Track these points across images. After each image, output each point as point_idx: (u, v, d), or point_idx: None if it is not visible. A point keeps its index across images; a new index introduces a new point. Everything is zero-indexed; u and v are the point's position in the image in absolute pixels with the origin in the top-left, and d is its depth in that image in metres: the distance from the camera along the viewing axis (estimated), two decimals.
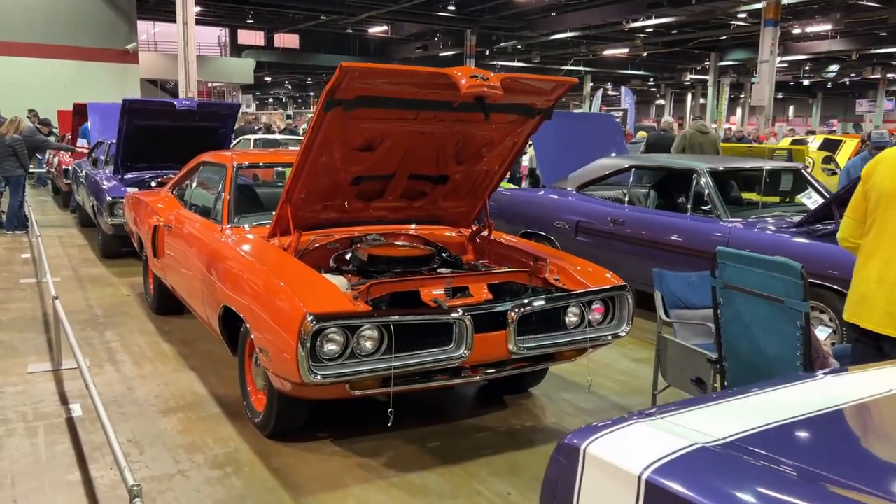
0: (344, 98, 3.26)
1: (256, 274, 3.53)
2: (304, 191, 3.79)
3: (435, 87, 3.35)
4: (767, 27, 22.02)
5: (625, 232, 5.96)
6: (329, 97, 3.24)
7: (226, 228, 4.29)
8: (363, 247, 3.97)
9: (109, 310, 6.12)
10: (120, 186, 8.11)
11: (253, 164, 4.88)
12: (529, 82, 3.51)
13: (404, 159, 3.87)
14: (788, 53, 36.03)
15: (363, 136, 3.62)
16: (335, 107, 3.28)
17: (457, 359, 3.21)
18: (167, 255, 5.13)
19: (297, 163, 3.59)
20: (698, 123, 10.08)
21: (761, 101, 22.70)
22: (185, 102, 8.10)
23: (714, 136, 9.66)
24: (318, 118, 3.34)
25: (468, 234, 4.56)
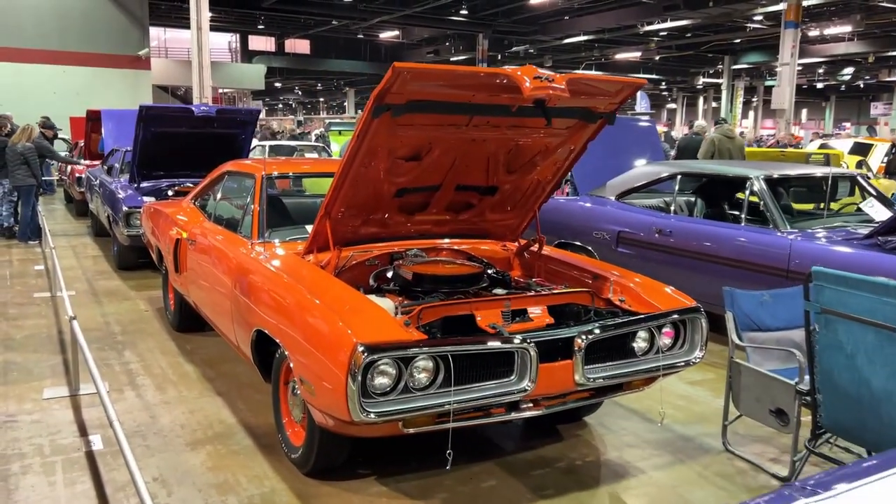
0: (393, 103, 2.95)
1: (295, 296, 3.22)
2: (344, 204, 3.47)
3: (494, 90, 3.03)
4: (788, 29, 21.61)
5: (672, 243, 5.61)
6: (378, 102, 2.92)
7: (256, 244, 3.98)
8: (406, 264, 3.65)
9: (127, 327, 5.82)
10: (136, 196, 7.83)
11: (284, 175, 4.57)
12: (595, 83, 3.19)
13: (452, 169, 3.56)
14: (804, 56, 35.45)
15: (411, 144, 3.31)
16: (384, 112, 2.96)
17: (520, 392, 2.88)
18: (190, 270, 4.82)
19: (339, 174, 3.28)
20: (724, 128, 9.76)
21: (782, 105, 22.29)
22: (204, 108, 7.82)
23: (740, 141, 9.47)
24: (363, 125, 3.03)
25: (515, 248, 4.23)
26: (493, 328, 3.02)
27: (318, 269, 3.48)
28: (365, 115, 2.99)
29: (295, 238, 4.10)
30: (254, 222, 4.10)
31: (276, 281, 3.47)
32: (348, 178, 3.30)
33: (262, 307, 3.46)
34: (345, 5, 28.17)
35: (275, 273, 3.53)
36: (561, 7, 28.66)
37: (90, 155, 12.36)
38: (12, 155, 9.44)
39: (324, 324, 2.90)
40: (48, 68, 19.72)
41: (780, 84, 22.29)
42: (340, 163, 3.26)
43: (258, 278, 3.62)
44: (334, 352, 2.73)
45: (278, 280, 3.46)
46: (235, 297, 3.82)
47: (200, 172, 8.65)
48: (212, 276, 4.32)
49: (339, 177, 3.30)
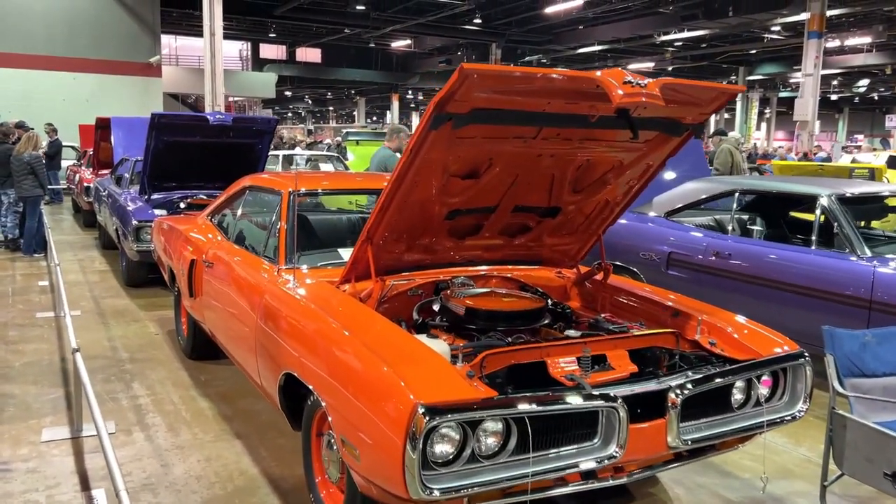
0: (456, 112, 2.49)
1: (335, 337, 2.75)
2: (389, 228, 3.01)
3: (574, 97, 2.57)
4: (811, 39, 21.13)
5: (732, 267, 5.12)
6: (438, 110, 2.46)
7: (283, 270, 3.52)
8: (455, 296, 3.18)
9: (136, 353, 5.36)
10: (147, 209, 7.39)
11: (313, 192, 4.11)
12: (690, 90, 2.72)
13: (512, 188, 3.09)
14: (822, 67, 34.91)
15: (469, 160, 2.85)
16: (444, 123, 2.50)
17: (607, 459, 2.40)
18: (206, 295, 4.36)
19: (386, 194, 2.82)
20: (732, 139, 9.67)
21: (804, 116, 21.82)
22: (219, 117, 7.39)
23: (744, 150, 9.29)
24: (419, 138, 2.57)
25: (573, 276, 3.76)
26: (571, 380, 2.54)
27: (358, 303, 3.02)
28: (422, 126, 2.53)
29: (326, 264, 3.64)
30: (280, 245, 3.64)
31: (311, 317, 3.00)
32: (396, 198, 2.84)
33: (294, 347, 2.99)
34: (357, 14, 27.84)
35: (308, 307, 3.06)
36: (575, 16, 28.28)
37: (99, 164, 11.95)
38: (18, 165, 9.04)
39: (372, 375, 2.43)
40: (57, 75, 19.41)
41: (802, 95, 21.81)
42: (388, 181, 2.79)
43: (288, 312, 3.15)
44: (388, 412, 2.26)
45: (313, 316, 2.99)
46: (261, 332, 3.35)
47: (214, 184, 8.26)
48: (232, 304, 3.85)
49: (385, 197, 2.83)
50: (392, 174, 2.77)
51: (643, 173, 3.21)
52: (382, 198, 2.85)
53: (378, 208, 2.89)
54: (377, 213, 2.91)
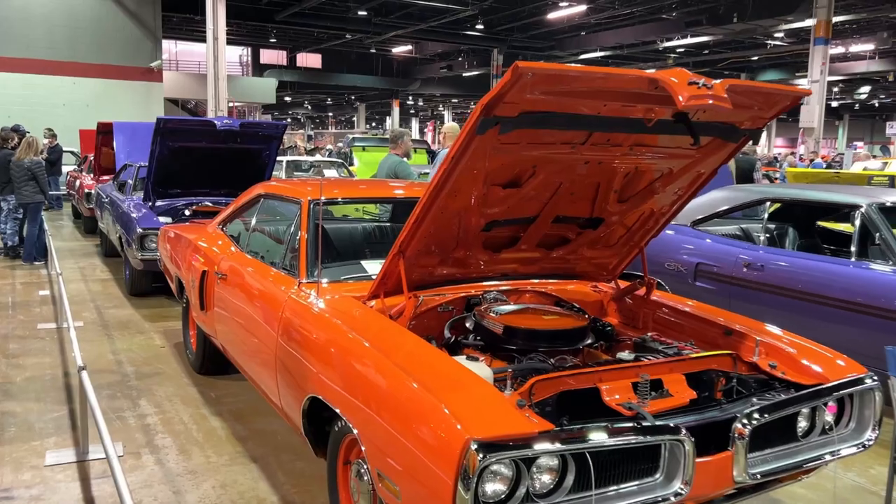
0: (504, 115, 2.28)
1: (368, 359, 2.54)
2: (424, 240, 2.80)
3: (633, 99, 2.36)
4: (818, 45, 20.99)
5: (765, 279, 4.91)
6: (486, 113, 2.25)
7: (304, 283, 3.30)
8: (490, 313, 2.96)
9: (142, 367, 5.13)
10: (151, 216, 7.17)
11: (333, 200, 3.89)
12: (754, 92, 2.51)
13: (554, 197, 2.88)
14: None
15: (512, 167, 2.64)
16: (491, 127, 2.29)
17: (673, 496, 2.18)
18: (219, 309, 4.14)
19: (423, 205, 2.61)
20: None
21: (811, 123, 21.67)
22: (227, 122, 7.18)
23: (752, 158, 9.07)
24: (462, 145, 2.36)
25: (611, 290, 3.54)
26: (629, 408, 2.33)
27: (389, 321, 2.80)
28: (466, 131, 2.32)
29: (349, 277, 3.42)
30: (301, 257, 3.42)
31: (338, 336, 2.78)
32: (433, 208, 2.63)
33: (320, 369, 2.77)
34: (359, 19, 27.71)
35: (335, 325, 2.85)
36: (577, 22, 28.17)
37: (100, 170, 11.74)
38: (18, 170, 8.82)
39: (413, 403, 2.21)
40: (58, 79, 19.21)
41: (808, 102, 21.61)
42: (425, 191, 2.58)
43: (313, 330, 2.94)
44: (434, 447, 2.04)
45: (340, 334, 2.77)
46: (282, 350, 3.13)
47: (220, 191, 8.06)
48: (248, 319, 3.63)
49: (422, 207, 2.62)
50: (429, 184, 2.56)
51: (693, 182, 3.00)
52: (418, 209, 2.63)
53: (413, 220, 2.68)
54: (412, 225, 2.70)
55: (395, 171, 6.97)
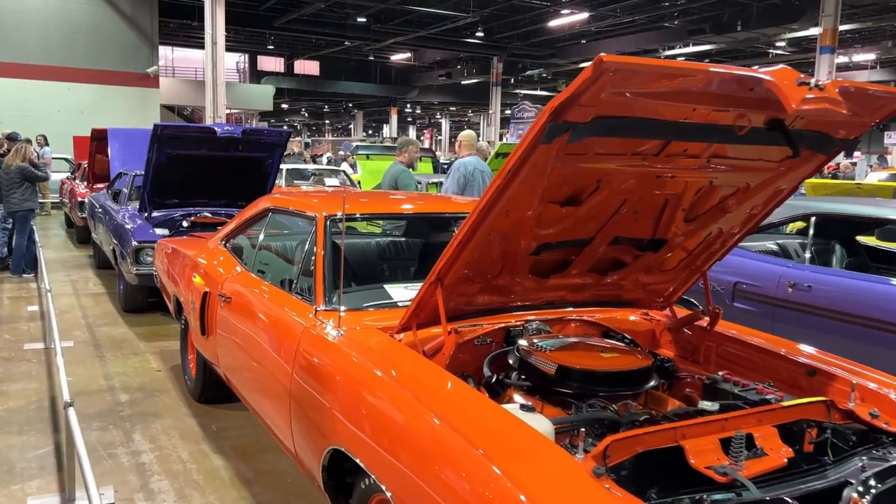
0: (576, 121, 1.90)
1: (405, 409, 2.15)
2: (466, 266, 2.41)
3: (727, 102, 1.99)
4: (824, 54, 20.68)
5: (813, 301, 4.53)
6: (555, 118, 1.87)
7: (321, 311, 2.91)
8: (539, 348, 2.57)
9: (136, 394, 4.72)
10: (147, 228, 6.78)
11: (352, 217, 3.49)
12: (869, 95, 2.12)
13: (615, 216, 2.50)
14: None
15: (575, 182, 2.26)
16: (561, 134, 1.91)
17: None
18: (222, 335, 3.74)
19: (470, 226, 2.22)
20: None
21: None
22: (228, 129, 6.80)
23: None
24: (523, 156, 1.97)
25: (665, 319, 3.16)
26: (722, 473, 1.93)
27: (426, 362, 2.41)
28: (529, 140, 1.93)
29: (372, 305, 3.03)
30: (317, 282, 3.03)
31: (368, 379, 2.39)
32: (481, 230, 2.24)
33: (346, 416, 2.37)
34: (358, 26, 27.40)
35: (364, 366, 2.45)
36: (578, 30, 27.92)
37: (94, 178, 11.33)
38: (7, 177, 8.40)
39: (467, 470, 1.82)
40: (52, 85, 18.79)
41: None
42: (473, 210, 2.19)
43: (336, 370, 2.54)
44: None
45: (371, 377, 2.38)
46: (298, 390, 2.73)
47: (220, 201, 7.66)
48: (257, 350, 3.23)
49: (468, 229, 2.23)
50: (480, 202, 2.17)
51: (770, 199, 2.62)
52: (464, 230, 2.24)
53: (456, 243, 2.29)
54: (455, 249, 2.31)
55: (396, 180, 6.61)
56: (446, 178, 6.44)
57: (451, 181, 6.24)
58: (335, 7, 24.97)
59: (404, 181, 6.63)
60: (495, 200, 2.13)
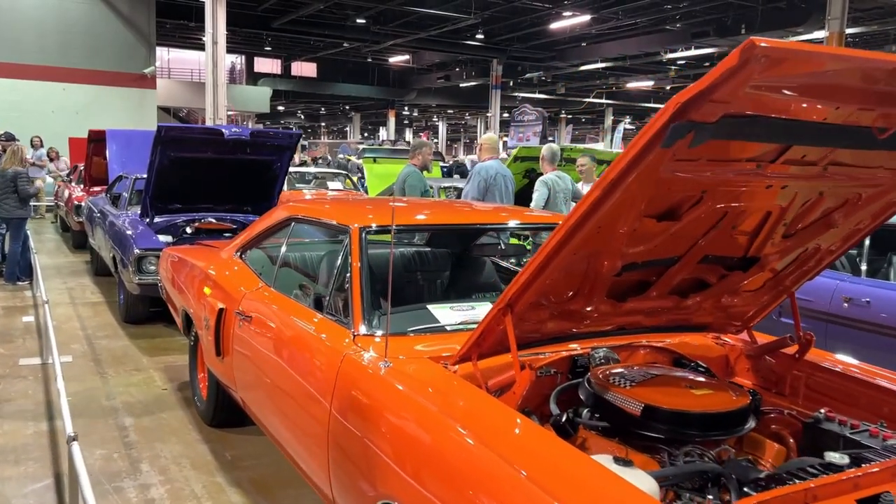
0: (703, 120, 1.57)
1: (477, 460, 1.81)
2: (544, 290, 2.08)
3: (875, 100, 1.65)
4: None
5: (872, 318, 4.22)
6: (680, 116, 1.54)
7: (361, 338, 2.57)
8: (616, 382, 2.23)
9: (143, 417, 4.37)
10: (150, 234, 6.42)
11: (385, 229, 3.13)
12: None
13: (712, 231, 2.16)
14: None
15: (677, 193, 1.92)
16: (684, 136, 1.57)
17: None
18: (241, 357, 3.39)
19: (556, 243, 1.88)
20: None
21: None
22: (235, 131, 6.44)
23: None
24: (635, 160, 1.64)
25: (741, 344, 2.83)
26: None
27: (497, 403, 2.07)
28: (644, 142, 1.60)
29: (418, 329, 2.69)
30: (354, 303, 2.69)
31: (427, 422, 2.05)
32: (567, 248, 1.90)
33: (402, 466, 2.03)
34: (357, 27, 27.06)
35: (420, 405, 2.11)
36: (579, 33, 27.65)
37: (91, 180, 10.96)
38: (2, 182, 8.03)
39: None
40: (47, 85, 18.39)
41: None
42: (560, 226, 1.86)
43: (385, 409, 2.20)
44: None
45: (429, 420, 2.05)
46: (339, 429, 2.39)
47: (224, 206, 7.31)
48: (284, 378, 2.89)
49: (553, 248, 1.90)
50: (569, 218, 1.83)
51: (880, 212, 2.29)
52: (546, 250, 1.91)
53: (536, 264, 1.95)
54: (532, 271, 1.97)
55: (404, 181, 6.31)
56: (468, 182, 6.10)
57: (472, 186, 5.91)
58: (334, 8, 24.61)
59: (411, 182, 6.31)
60: (588, 215, 1.79)
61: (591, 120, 53.42)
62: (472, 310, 2.85)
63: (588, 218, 1.80)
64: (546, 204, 5.97)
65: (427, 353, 2.44)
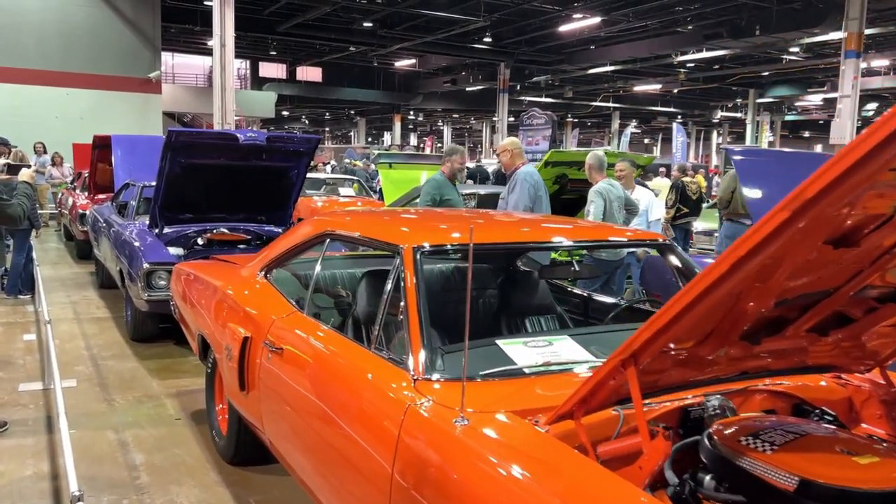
0: None
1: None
2: (681, 336, 1.63)
3: None
4: (849, 59, 20.05)
5: None
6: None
7: (423, 383, 2.14)
8: (752, 447, 1.78)
9: (155, 454, 3.92)
10: (160, 247, 6.00)
11: (441, 248, 2.65)
12: None
13: (883, 258, 1.72)
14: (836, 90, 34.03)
15: (869, 210, 1.48)
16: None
17: None
18: (270, 395, 2.95)
19: (712, 281, 1.44)
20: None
21: (842, 139, 20.64)
22: (251, 135, 6.02)
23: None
24: (847, 173, 1.20)
25: (868, 384, 2.39)
26: None
27: (615, 477, 1.62)
28: (868, 148, 1.16)
29: (492, 374, 2.24)
30: (412, 339, 2.25)
31: (528, 500, 1.60)
32: (725, 286, 1.46)
33: None
34: (364, 31, 26.68)
35: (517, 481, 1.67)
36: (588, 36, 27.24)
37: (95, 188, 10.55)
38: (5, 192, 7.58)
39: None
40: (50, 90, 17.99)
41: (839, 118, 20.72)
42: (719, 262, 1.42)
43: (470, 481, 1.76)
44: None
45: (531, 499, 1.60)
46: (405, 500, 1.95)
47: (237, 215, 6.89)
48: (327, 427, 2.45)
49: (707, 286, 1.45)
50: (735, 249, 1.39)
51: None
52: (698, 290, 1.47)
53: (680, 308, 1.51)
54: (671, 317, 1.53)
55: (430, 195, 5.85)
56: (510, 190, 5.62)
57: (523, 194, 5.43)
58: (341, 11, 24.24)
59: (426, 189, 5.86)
60: (765, 244, 1.35)
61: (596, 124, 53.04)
62: (548, 346, 2.41)
63: (762, 248, 1.36)
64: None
65: (509, 406, 2.00)
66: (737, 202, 7.73)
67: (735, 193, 7.76)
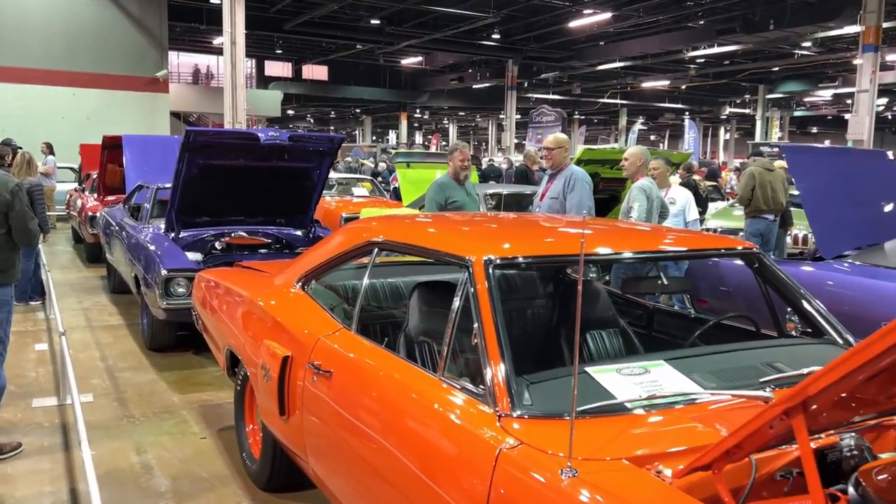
0: None
1: None
2: (854, 380, 1.34)
3: None
4: (867, 53, 19.73)
5: None
6: None
7: (506, 420, 1.85)
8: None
9: (181, 478, 3.64)
10: (178, 252, 5.72)
11: (514, 261, 2.35)
12: None
13: None
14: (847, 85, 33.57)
15: None
16: None
17: None
18: (315, 423, 2.66)
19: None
20: (763, 160, 8.50)
21: (860, 135, 20.30)
22: (272, 135, 5.73)
23: (780, 173, 8.03)
24: None
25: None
26: None
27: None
28: None
29: (590, 410, 1.93)
30: (493, 368, 1.96)
31: None
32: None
33: None
34: (371, 28, 26.39)
35: None
36: (597, 32, 26.91)
37: (105, 189, 10.28)
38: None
39: None
40: (57, 90, 17.74)
41: (857, 112, 20.37)
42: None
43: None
44: None
45: None
46: None
47: (256, 218, 6.61)
48: (395, 470, 2.15)
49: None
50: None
51: None
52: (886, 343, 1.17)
53: (874, 353, 1.21)
54: (861, 363, 1.24)
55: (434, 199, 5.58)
56: (570, 190, 5.32)
57: (584, 194, 5.21)
58: (348, 9, 23.95)
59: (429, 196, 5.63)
60: None
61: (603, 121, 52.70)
62: (645, 373, 2.11)
63: None
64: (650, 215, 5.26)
65: (620, 452, 1.70)
66: (758, 199, 7.79)
67: (755, 191, 7.70)
